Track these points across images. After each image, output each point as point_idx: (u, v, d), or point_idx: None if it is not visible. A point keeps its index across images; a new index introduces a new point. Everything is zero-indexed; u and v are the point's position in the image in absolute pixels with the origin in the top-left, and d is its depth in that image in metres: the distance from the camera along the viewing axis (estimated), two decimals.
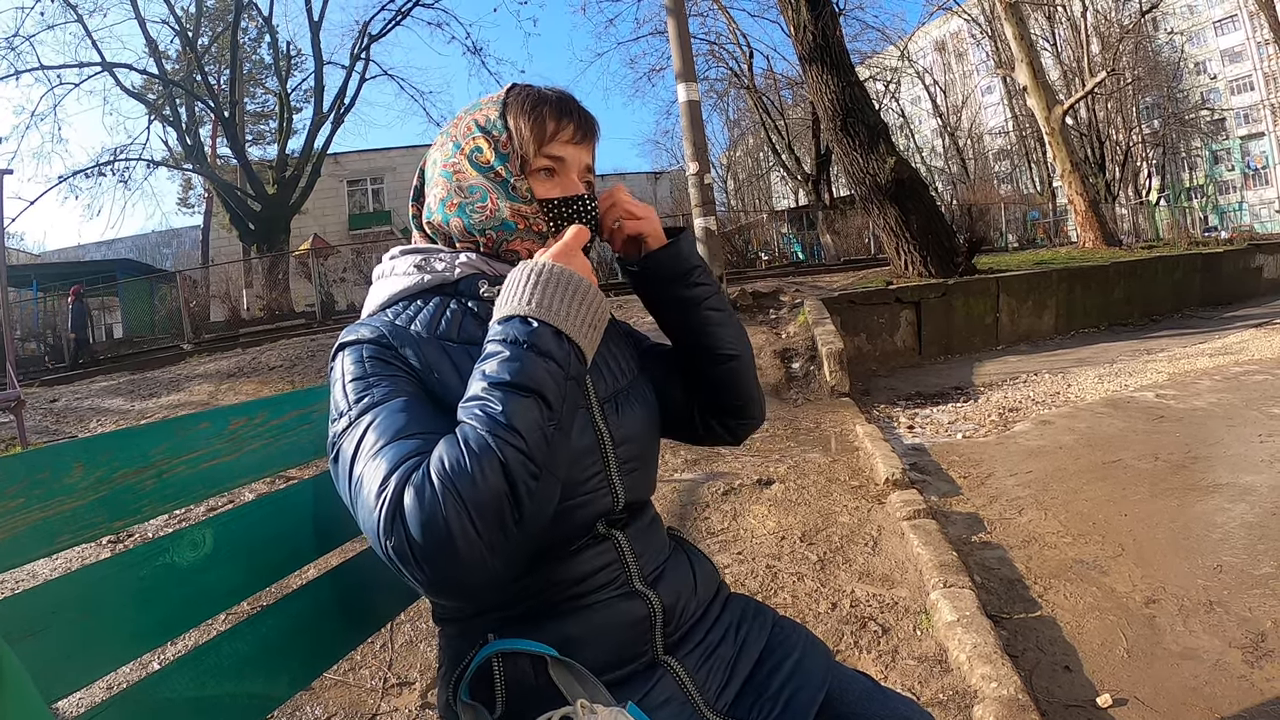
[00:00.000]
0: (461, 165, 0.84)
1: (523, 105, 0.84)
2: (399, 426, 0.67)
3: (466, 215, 0.84)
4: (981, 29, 29.88)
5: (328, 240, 21.56)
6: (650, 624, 0.79)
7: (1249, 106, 43.32)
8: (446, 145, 0.86)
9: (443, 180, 0.85)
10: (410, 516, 0.60)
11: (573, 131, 0.85)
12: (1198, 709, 1.54)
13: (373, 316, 0.81)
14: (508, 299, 0.71)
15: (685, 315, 0.92)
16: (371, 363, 0.74)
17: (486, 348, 0.69)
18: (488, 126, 0.83)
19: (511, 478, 0.62)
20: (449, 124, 0.89)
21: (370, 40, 19.93)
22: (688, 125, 6.86)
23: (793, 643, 0.86)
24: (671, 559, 0.86)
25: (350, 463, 0.67)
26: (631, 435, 0.84)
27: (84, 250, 37.83)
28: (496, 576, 0.63)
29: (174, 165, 20.90)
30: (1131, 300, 8.62)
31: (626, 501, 0.82)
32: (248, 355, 8.37)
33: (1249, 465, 3.02)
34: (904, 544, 2.46)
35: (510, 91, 0.86)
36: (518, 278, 0.72)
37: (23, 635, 0.61)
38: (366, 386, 0.71)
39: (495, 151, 0.83)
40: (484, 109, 0.85)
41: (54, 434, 6.05)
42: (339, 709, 1.84)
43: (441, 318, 0.80)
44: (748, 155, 37.98)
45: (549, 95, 0.85)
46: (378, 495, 0.62)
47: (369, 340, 0.76)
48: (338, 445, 0.70)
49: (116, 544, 2.87)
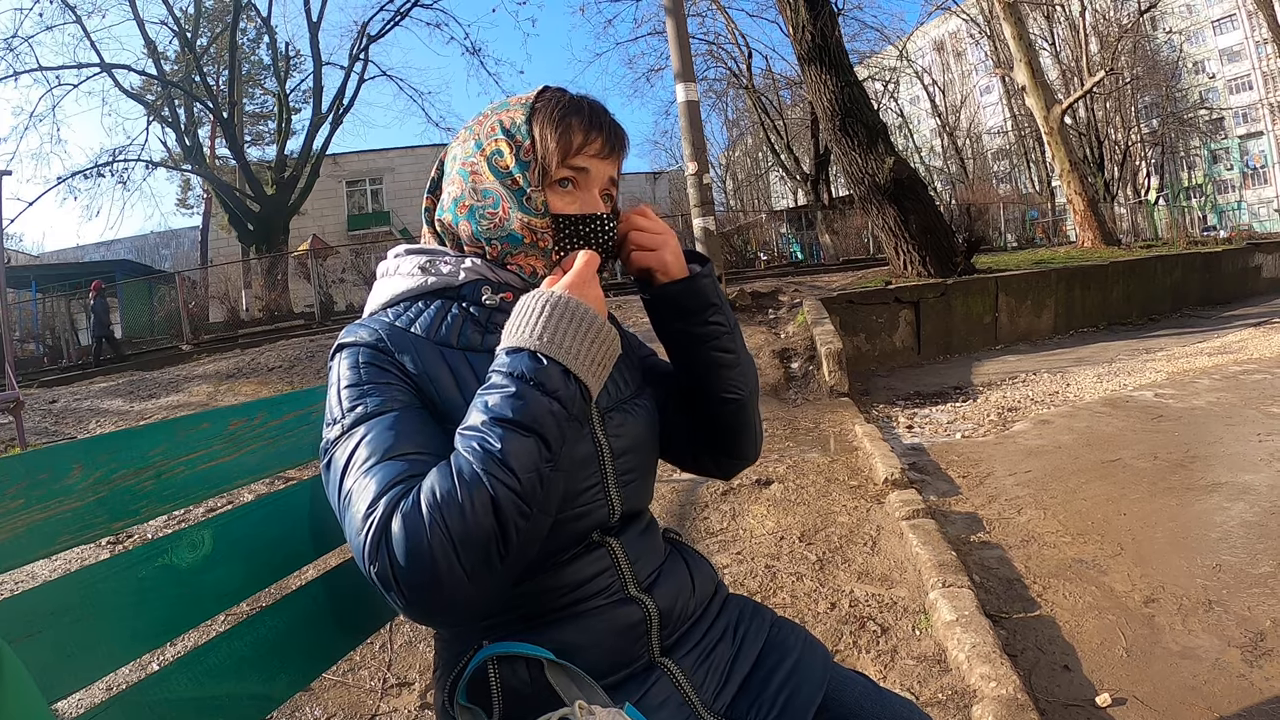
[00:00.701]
0: (480, 166, 0.81)
1: (551, 112, 0.80)
2: (389, 445, 0.66)
3: (476, 220, 0.81)
4: (980, 29, 29.92)
5: (326, 241, 21.56)
6: (646, 628, 0.79)
7: (1247, 106, 43.37)
8: (469, 142, 0.84)
9: (459, 179, 0.83)
10: (396, 544, 0.60)
11: (601, 144, 0.82)
12: (1197, 708, 1.54)
13: (373, 316, 0.81)
14: (517, 328, 0.69)
15: (691, 352, 0.88)
16: (367, 369, 0.73)
17: (491, 376, 0.68)
18: (512, 130, 0.81)
19: (502, 517, 0.61)
20: (475, 119, 0.86)
21: (369, 41, 19.98)
22: (686, 125, 6.87)
23: (791, 643, 0.86)
24: (668, 563, 0.86)
25: (340, 475, 0.67)
26: (631, 447, 0.83)
27: (83, 251, 37.83)
28: (477, 606, 0.64)
29: (173, 166, 20.93)
30: (1130, 299, 8.63)
31: (623, 512, 0.82)
32: (247, 356, 8.37)
33: (1248, 464, 3.02)
34: (903, 544, 2.46)
35: (541, 95, 0.83)
36: (530, 306, 0.69)
37: (22, 636, 0.61)
38: (360, 395, 0.71)
39: (516, 157, 0.80)
40: (511, 110, 0.82)
41: (53, 435, 6.04)
42: (338, 710, 1.84)
43: (442, 322, 0.79)
44: (746, 155, 38.00)
45: (581, 105, 0.82)
46: (365, 518, 0.62)
47: (366, 344, 0.75)
48: (330, 453, 0.70)
49: (116, 545, 2.87)
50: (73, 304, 19.14)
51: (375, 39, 20.09)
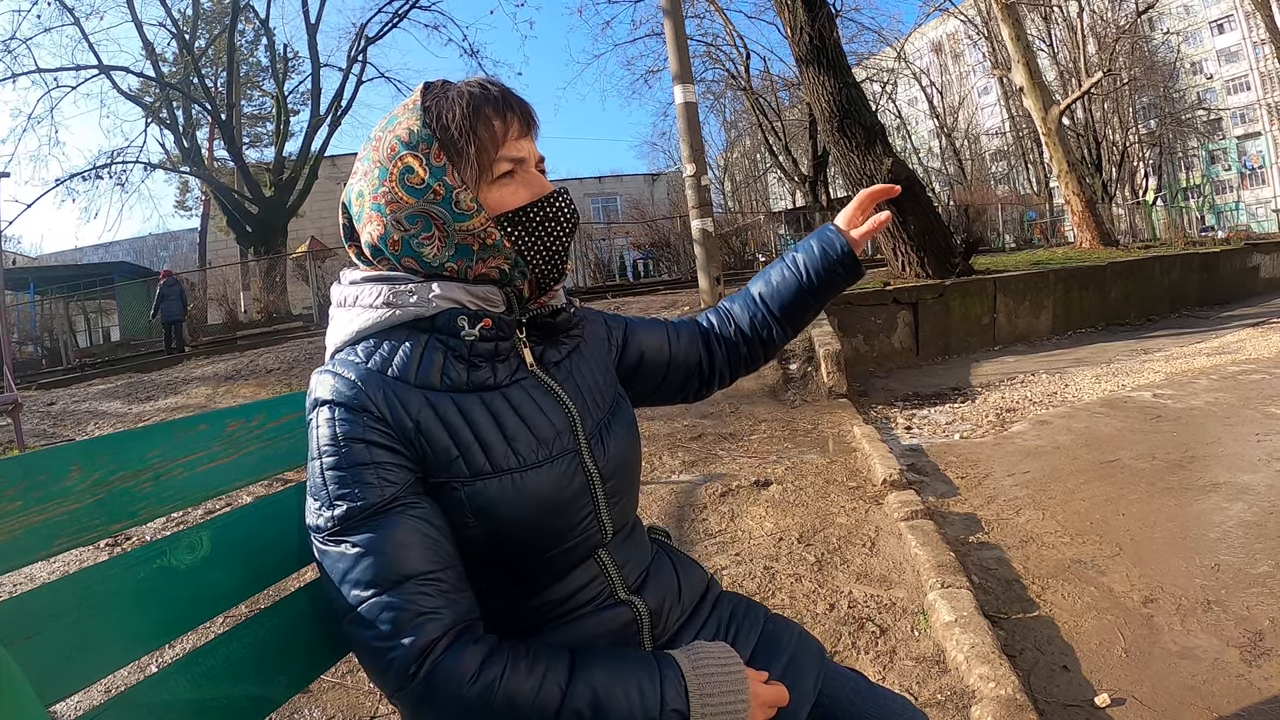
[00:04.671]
0: (395, 194, 0.74)
1: (453, 108, 0.74)
2: (392, 568, 0.66)
3: (415, 251, 0.75)
4: (978, 30, 29.98)
5: (325, 243, 21.53)
6: (637, 628, 0.79)
7: (1245, 106, 43.47)
8: (372, 173, 0.75)
9: (375, 215, 0.75)
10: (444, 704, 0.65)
11: (519, 124, 0.76)
12: (1196, 708, 1.55)
13: (341, 357, 0.75)
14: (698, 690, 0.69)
15: (818, 299, 1.07)
16: (348, 447, 0.68)
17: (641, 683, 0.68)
18: (412, 140, 0.73)
19: None
20: (367, 148, 0.77)
21: (367, 43, 19.99)
22: (685, 127, 6.88)
23: (784, 641, 0.86)
24: (654, 563, 0.86)
25: (339, 582, 0.67)
26: (617, 465, 0.82)
27: (81, 253, 37.83)
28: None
29: (171, 168, 20.93)
30: (1129, 300, 8.63)
31: (614, 531, 0.81)
32: (245, 358, 8.36)
33: (1246, 464, 3.02)
34: (901, 545, 2.46)
35: (427, 93, 0.76)
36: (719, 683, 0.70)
37: (21, 638, 0.61)
38: (344, 484, 0.68)
39: (428, 166, 0.73)
40: (403, 121, 0.75)
41: (51, 437, 6.03)
42: (337, 711, 1.83)
43: (421, 361, 0.73)
44: (745, 156, 38.06)
45: (481, 92, 0.76)
46: (389, 654, 0.64)
47: (344, 404, 0.70)
48: (315, 540, 0.69)
49: (114, 546, 2.86)
50: (71, 306, 19.14)
51: (373, 41, 20.13)
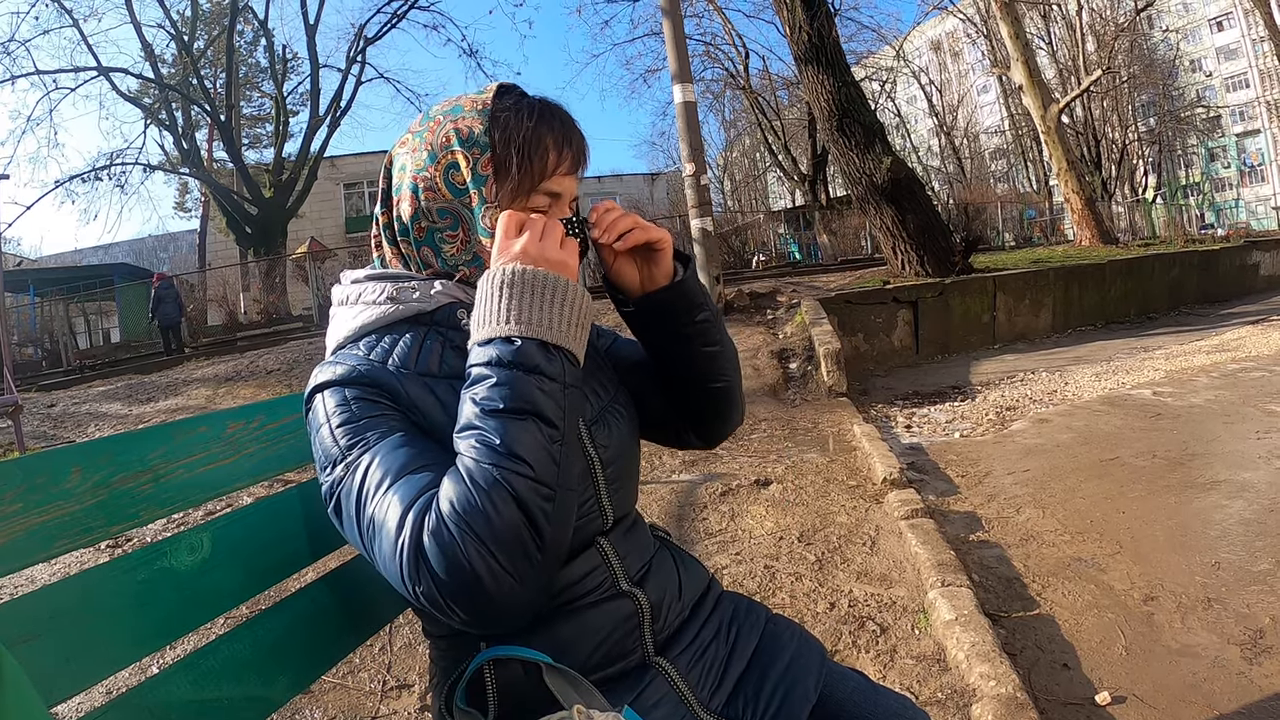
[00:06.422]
0: (435, 182, 0.75)
1: (519, 127, 0.74)
2: (403, 462, 0.64)
3: (436, 245, 0.77)
4: (977, 28, 29.97)
5: (324, 243, 21.55)
6: (639, 620, 0.79)
7: (1244, 104, 43.45)
8: (420, 153, 0.76)
9: (411, 196, 0.77)
10: (434, 562, 0.58)
11: (571, 162, 0.77)
12: (1196, 705, 1.55)
13: (343, 351, 0.76)
14: (483, 317, 0.66)
15: (678, 348, 0.86)
16: (357, 404, 0.69)
17: (470, 372, 0.65)
18: (470, 141, 0.74)
19: (526, 507, 0.60)
20: (425, 123, 0.78)
21: (366, 43, 19.97)
22: (684, 126, 6.87)
23: (786, 641, 0.86)
24: (656, 557, 0.86)
25: (356, 508, 0.65)
26: (617, 453, 0.83)
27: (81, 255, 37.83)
28: (531, 601, 0.63)
29: (170, 169, 20.94)
30: (1128, 298, 8.63)
31: (615, 518, 0.82)
32: (245, 359, 8.36)
33: (1246, 462, 3.02)
34: (902, 543, 2.46)
35: (498, 100, 0.76)
36: (488, 291, 0.66)
37: (21, 639, 0.61)
38: (357, 429, 0.68)
39: (473, 172, 0.74)
40: (467, 117, 0.75)
41: (52, 439, 6.03)
42: (338, 712, 1.83)
43: (420, 352, 0.75)
44: (744, 156, 38.06)
45: (552, 116, 0.76)
46: (395, 543, 0.60)
47: (349, 381, 0.71)
48: (336, 494, 0.67)
49: (115, 548, 2.87)
50: (71, 308, 19.13)
51: (372, 41, 20.11)
